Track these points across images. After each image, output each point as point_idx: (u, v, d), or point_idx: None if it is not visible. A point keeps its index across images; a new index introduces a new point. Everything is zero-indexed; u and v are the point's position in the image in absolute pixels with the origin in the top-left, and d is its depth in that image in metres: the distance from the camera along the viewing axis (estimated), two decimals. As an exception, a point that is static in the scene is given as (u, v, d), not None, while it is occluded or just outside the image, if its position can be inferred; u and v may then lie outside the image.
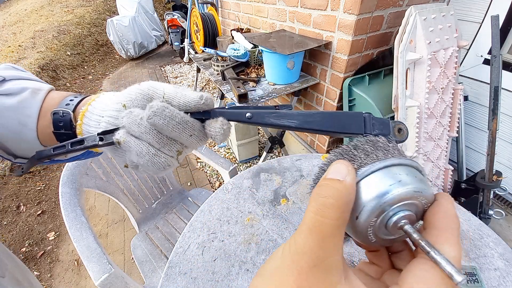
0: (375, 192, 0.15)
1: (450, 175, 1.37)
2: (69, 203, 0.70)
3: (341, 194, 0.15)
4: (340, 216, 0.14)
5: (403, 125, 0.21)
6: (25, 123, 0.27)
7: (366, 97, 1.28)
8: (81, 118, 0.27)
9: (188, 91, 0.26)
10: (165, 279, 0.53)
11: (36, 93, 0.28)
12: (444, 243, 0.14)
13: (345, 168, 0.16)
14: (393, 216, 0.16)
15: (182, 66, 4.32)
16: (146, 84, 0.27)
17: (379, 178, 0.16)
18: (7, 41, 4.83)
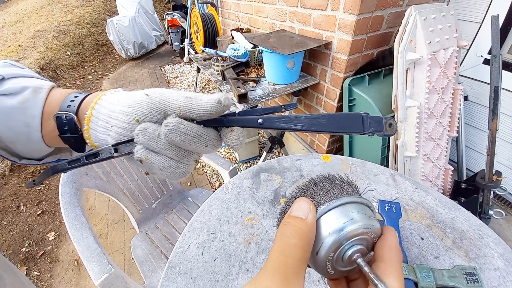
0: (332, 229, 0.17)
1: (450, 175, 1.37)
2: (69, 203, 0.70)
3: (303, 233, 0.16)
4: (303, 256, 0.15)
5: (393, 120, 0.23)
6: (29, 124, 0.26)
7: (366, 97, 1.28)
8: (87, 123, 0.26)
9: (202, 99, 0.25)
10: (165, 279, 0.53)
11: (37, 92, 0.27)
12: (389, 275, 0.16)
13: (307, 206, 0.17)
14: (348, 250, 0.17)
15: (182, 66, 4.32)
16: (156, 96, 0.25)
17: (334, 216, 0.17)
18: (7, 41, 4.83)
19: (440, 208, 0.65)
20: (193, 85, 3.19)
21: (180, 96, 0.25)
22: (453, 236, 0.58)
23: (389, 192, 0.70)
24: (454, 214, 0.63)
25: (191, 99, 0.24)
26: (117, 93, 0.27)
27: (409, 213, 0.64)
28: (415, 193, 0.69)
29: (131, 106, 0.25)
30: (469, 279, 0.44)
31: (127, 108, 0.25)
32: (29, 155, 0.29)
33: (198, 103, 0.24)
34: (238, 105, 1.36)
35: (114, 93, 0.27)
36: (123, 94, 0.27)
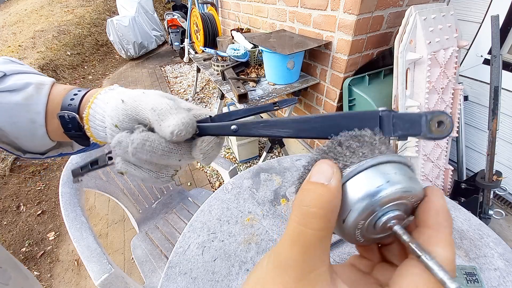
0: (363, 194, 0.14)
1: (450, 175, 1.37)
2: (69, 203, 0.70)
3: (326, 201, 0.14)
4: (325, 227, 0.13)
5: (444, 116, 0.16)
6: (34, 120, 0.26)
7: (366, 97, 1.28)
8: (87, 122, 0.27)
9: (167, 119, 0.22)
10: (165, 279, 0.53)
11: (40, 88, 0.27)
12: (436, 244, 0.13)
13: (329, 169, 0.15)
14: (382, 217, 0.15)
15: (182, 66, 4.32)
16: (130, 103, 0.24)
17: (366, 178, 0.15)
18: (7, 41, 4.83)
19: (440, 208, 0.64)
20: (193, 85, 3.19)
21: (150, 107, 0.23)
22: (453, 236, 0.58)
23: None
24: (454, 214, 0.63)
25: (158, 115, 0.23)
26: (110, 92, 0.27)
27: (409, 213, 0.64)
28: (415, 193, 0.69)
29: (113, 110, 0.25)
30: (469, 279, 0.44)
31: (111, 111, 0.25)
32: (33, 149, 0.29)
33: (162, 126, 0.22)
34: (238, 105, 1.36)
35: (108, 92, 0.27)
36: (114, 94, 0.27)
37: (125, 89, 0.28)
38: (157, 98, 0.24)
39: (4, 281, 0.44)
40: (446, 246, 0.13)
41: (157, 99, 0.24)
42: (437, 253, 0.13)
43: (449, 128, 0.16)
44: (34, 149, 0.30)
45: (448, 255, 0.13)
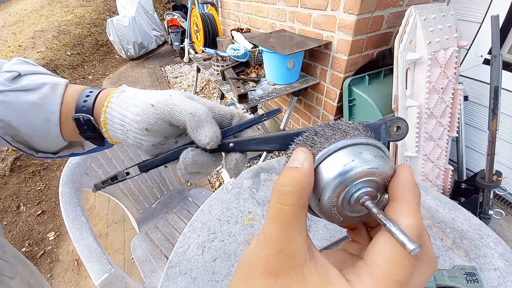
0: (333, 173, 0.16)
1: (450, 175, 1.37)
2: (69, 203, 0.70)
3: (298, 180, 0.15)
4: (298, 202, 0.15)
5: (401, 122, 0.20)
6: (49, 120, 0.27)
7: (366, 97, 1.28)
8: (104, 125, 0.28)
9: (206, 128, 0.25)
10: (165, 279, 0.53)
11: (55, 88, 0.27)
12: (401, 213, 0.15)
13: (302, 155, 0.17)
14: (354, 194, 0.16)
15: (182, 66, 4.32)
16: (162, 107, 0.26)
17: (335, 159, 0.16)
18: (7, 41, 4.83)
19: (440, 208, 0.65)
20: (193, 85, 3.19)
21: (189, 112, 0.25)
22: (453, 236, 0.58)
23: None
24: (454, 214, 0.63)
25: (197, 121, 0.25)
26: (124, 94, 0.28)
27: (409, 213, 0.64)
28: (415, 193, 0.69)
29: (139, 115, 0.26)
30: (469, 279, 0.44)
31: (136, 116, 0.26)
32: (46, 148, 0.30)
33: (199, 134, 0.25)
34: (238, 105, 1.36)
35: (121, 95, 0.28)
36: (131, 97, 0.27)
37: (138, 90, 0.28)
38: (189, 101, 0.26)
39: (12, 275, 0.45)
40: (410, 214, 0.14)
41: (191, 104, 0.26)
42: (401, 221, 0.14)
43: (405, 132, 0.20)
44: (47, 149, 0.30)
45: (412, 222, 0.14)
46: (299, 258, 0.14)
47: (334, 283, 0.14)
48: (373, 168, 0.16)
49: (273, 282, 0.14)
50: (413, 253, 0.12)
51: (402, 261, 0.13)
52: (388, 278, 0.13)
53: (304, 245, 0.15)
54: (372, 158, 0.16)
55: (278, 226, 0.15)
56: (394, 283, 0.13)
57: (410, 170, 0.17)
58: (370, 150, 0.17)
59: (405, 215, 0.14)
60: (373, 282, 0.13)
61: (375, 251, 0.14)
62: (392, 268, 0.13)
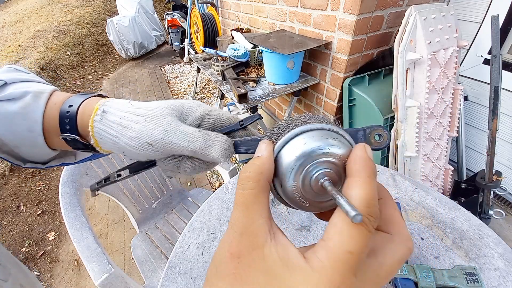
0: (289, 158, 0.17)
1: (450, 175, 1.37)
2: (69, 203, 0.70)
3: (256, 166, 0.17)
4: (256, 185, 0.16)
5: (382, 130, 0.20)
6: (32, 129, 0.26)
7: (366, 97, 1.28)
8: (96, 144, 0.27)
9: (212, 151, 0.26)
10: (165, 279, 0.53)
11: (38, 97, 0.27)
12: (352, 187, 0.15)
13: (263, 145, 0.19)
14: (312, 175, 0.17)
15: (182, 66, 4.32)
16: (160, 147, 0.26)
17: (291, 146, 0.18)
18: (7, 41, 4.83)
19: (440, 208, 0.65)
20: (193, 85, 3.19)
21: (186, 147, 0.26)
22: (453, 236, 0.58)
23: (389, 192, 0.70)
24: (454, 214, 0.63)
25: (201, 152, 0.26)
26: (108, 119, 0.26)
27: (409, 213, 0.64)
28: (415, 193, 0.69)
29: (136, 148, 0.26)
30: (469, 279, 0.44)
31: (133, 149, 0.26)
32: (34, 158, 0.29)
33: (208, 158, 0.26)
34: (238, 105, 1.36)
35: (103, 119, 0.26)
36: (120, 125, 0.26)
37: (123, 114, 0.26)
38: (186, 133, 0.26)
39: (4, 277, 0.44)
40: (358, 187, 0.15)
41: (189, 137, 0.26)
42: (351, 194, 0.15)
43: (387, 140, 0.20)
44: (35, 158, 0.29)
45: (359, 192, 0.14)
46: (260, 238, 0.15)
47: (292, 261, 0.14)
48: (324, 148, 0.17)
49: (236, 263, 0.15)
50: (355, 220, 0.13)
51: (352, 231, 0.13)
52: (339, 250, 0.13)
53: (265, 226, 0.16)
54: (324, 140, 0.17)
55: (240, 210, 0.16)
56: (346, 254, 0.13)
57: (365, 147, 0.17)
58: (323, 134, 0.17)
59: (355, 188, 0.15)
60: (327, 255, 0.14)
61: (330, 227, 0.15)
62: (343, 239, 0.13)
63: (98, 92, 0.48)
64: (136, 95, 3.50)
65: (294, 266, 0.14)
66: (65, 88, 3.76)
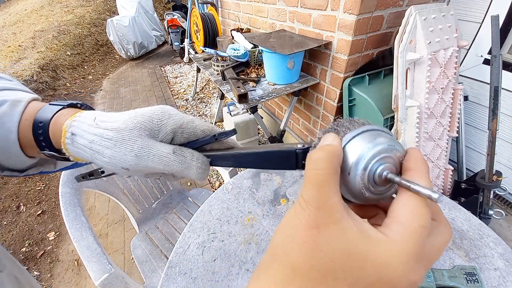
0: (359, 151, 0.19)
1: (450, 175, 1.37)
2: (69, 203, 0.70)
3: (329, 149, 0.18)
4: (330, 166, 0.17)
5: None
6: (7, 138, 0.26)
7: (366, 97, 1.28)
8: (74, 158, 0.28)
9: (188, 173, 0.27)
10: (165, 279, 0.53)
11: (15, 106, 0.26)
12: (417, 178, 0.17)
13: (331, 136, 0.19)
14: (377, 169, 0.19)
15: (182, 66, 4.32)
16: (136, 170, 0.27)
17: (359, 141, 0.19)
18: (7, 41, 4.83)
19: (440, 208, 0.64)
20: (193, 85, 3.19)
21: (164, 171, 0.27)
22: (453, 236, 0.58)
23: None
24: (454, 214, 0.63)
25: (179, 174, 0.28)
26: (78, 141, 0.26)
27: (409, 213, 0.64)
28: (415, 193, 0.69)
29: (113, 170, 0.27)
30: (469, 279, 0.44)
31: (109, 167, 0.27)
32: (12, 166, 0.29)
33: (187, 177, 0.28)
34: (238, 105, 1.36)
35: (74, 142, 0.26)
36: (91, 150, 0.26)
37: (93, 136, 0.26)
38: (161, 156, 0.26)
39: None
40: (424, 179, 0.17)
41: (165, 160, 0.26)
42: (420, 183, 0.17)
43: None
44: (13, 166, 0.29)
45: (427, 184, 0.17)
46: (337, 213, 0.16)
47: (371, 234, 0.16)
48: (391, 145, 0.19)
49: (316, 233, 0.16)
50: (439, 201, 0.15)
51: (423, 210, 0.16)
52: (415, 224, 0.15)
53: (340, 203, 0.17)
54: (387, 140, 0.19)
55: (315, 188, 0.17)
56: (420, 228, 0.15)
57: (418, 150, 0.20)
58: (385, 135, 0.20)
59: (421, 180, 0.17)
60: (402, 228, 0.16)
61: (399, 207, 0.17)
62: (415, 216, 0.16)
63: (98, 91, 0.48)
64: (136, 95, 3.50)
65: (374, 238, 0.16)
66: (65, 88, 3.76)
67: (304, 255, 0.15)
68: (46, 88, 3.54)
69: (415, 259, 0.15)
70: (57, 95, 3.54)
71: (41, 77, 3.59)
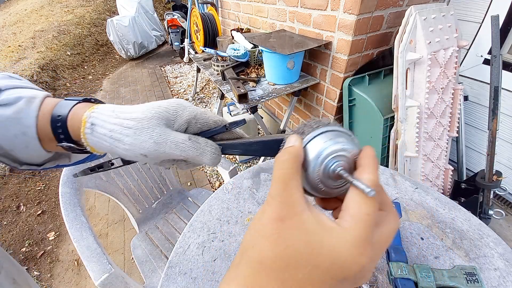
0: (316, 150, 0.21)
1: (450, 175, 1.37)
2: (69, 203, 0.70)
3: (291, 152, 0.21)
4: (293, 166, 0.20)
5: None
6: (26, 133, 0.27)
7: (366, 97, 1.28)
8: (92, 150, 0.29)
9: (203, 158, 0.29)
10: (165, 279, 0.53)
11: (31, 102, 0.28)
12: (363, 173, 0.20)
13: (294, 138, 0.22)
14: (331, 165, 0.21)
15: (182, 66, 4.32)
16: (155, 157, 0.28)
17: (318, 141, 0.22)
18: (7, 41, 4.83)
19: (440, 208, 0.65)
20: (193, 85, 3.19)
21: (180, 157, 0.28)
22: (453, 236, 0.58)
23: (389, 192, 0.70)
24: (454, 214, 0.63)
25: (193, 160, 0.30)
26: (98, 131, 0.27)
27: (409, 213, 0.64)
28: (415, 193, 0.69)
29: (132, 157, 0.28)
30: (469, 279, 0.44)
31: (128, 155, 0.28)
32: (30, 160, 0.30)
33: (201, 164, 0.30)
34: (238, 105, 1.36)
35: (94, 132, 0.27)
36: (111, 138, 0.27)
37: (113, 126, 0.27)
38: (177, 143, 0.28)
39: None
40: (370, 173, 0.19)
41: (181, 146, 0.28)
42: (363, 177, 0.19)
43: None
44: (31, 160, 0.30)
45: (369, 177, 0.19)
46: (299, 207, 0.18)
47: (326, 224, 0.18)
48: (344, 144, 0.21)
49: (280, 225, 0.17)
50: (370, 194, 0.17)
51: (366, 200, 0.18)
52: (360, 213, 0.18)
53: (301, 198, 0.19)
54: (343, 139, 0.22)
55: (280, 185, 0.19)
56: (365, 215, 0.18)
57: (372, 149, 0.22)
58: (342, 135, 0.22)
59: (366, 174, 0.19)
60: (352, 218, 0.18)
61: (349, 199, 0.19)
62: (361, 206, 0.18)
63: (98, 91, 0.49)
64: (136, 95, 3.50)
65: (329, 227, 0.18)
66: (65, 88, 3.76)
67: (269, 247, 0.17)
68: (46, 88, 3.54)
69: (363, 244, 0.17)
70: (57, 95, 3.54)
71: (41, 77, 3.59)
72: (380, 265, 0.54)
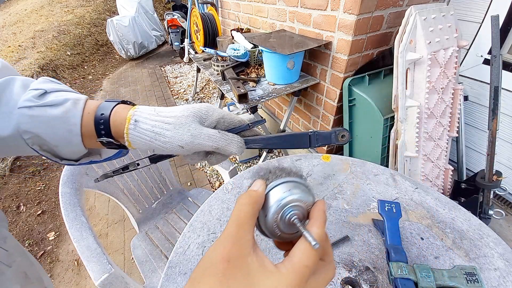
0: (276, 198, 0.24)
1: (450, 175, 1.37)
2: (69, 203, 0.70)
3: (253, 196, 0.23)
4: (251, 211, 0.22)
5: (346, 132, 0.33)
6: (71, 131, 0.31)
7: (366, 97, 1.29)
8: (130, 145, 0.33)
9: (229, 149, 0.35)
10: (165, 279, 0.53)
11: (77, 103, 0.32)
12: (312, 226, 0.22)
13: (259, 182, 0.25)
14: (287, 214, 0.23)
15: (182, 66, 4.33)
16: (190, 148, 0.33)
17: (278, 190, 0.24)
18: (7, 41, 4.83)
19: (440, 208, 0.65)
20: (193, 85, 3.19)
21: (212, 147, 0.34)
22: (453, 236, 0.58)
23: (389, 192, 0.70)
24: (454, 214, 0.63)
25: (222, 151, 0.35)
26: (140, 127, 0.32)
27: (409, 213, 0.64)
28: (415, 193, 0.69)
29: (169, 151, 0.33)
30: (469, 279, 0.44)
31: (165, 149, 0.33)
32: (69, 156, 0.34)
33: (228, 154, 0.36)
34: (238, 105, 1.36)
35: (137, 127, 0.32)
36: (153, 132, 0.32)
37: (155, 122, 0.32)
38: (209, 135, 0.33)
39: (8, 263, 0.49)
40: (318, 226, 0.22)
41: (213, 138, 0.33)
42: (312, 230, 0.22)
43: (347, 138, 0.33)
44: (70, 156, 0.34)
45: (317, 231, 0.22)
46: (246, 250, 0.20)
47: (266, 267, 0.20)
48: (300, 197, 0.24)
49: (226, 265, 0.19)
50: (315, 247, 0.20)
51: (310, 253, 0.20)
52: (300, 263, 0.20)
53: (251, 242, 0.21)
54: (301, 192, 0.24)
55: (235, 227, 0.21)
56: (304, 267, 0.20)
57: (324, 202, 0.25)
58: (301, 187, 0.25)
59: (315, 227, 0.22)
60: (291, 266, 0.20)
61: (295, 248, 0.21)
62: (303, 257, 0.20)
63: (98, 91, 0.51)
64: (136, 95, 3.50)
65: (268, 271, 0.20)
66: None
67: (213, 285, 0.18)
68: (46, 88, 3.53)
69: None
70: (57, 95, 3.53)
71: (41, 77, 3.59)
72: (380, 265, 0.54)
